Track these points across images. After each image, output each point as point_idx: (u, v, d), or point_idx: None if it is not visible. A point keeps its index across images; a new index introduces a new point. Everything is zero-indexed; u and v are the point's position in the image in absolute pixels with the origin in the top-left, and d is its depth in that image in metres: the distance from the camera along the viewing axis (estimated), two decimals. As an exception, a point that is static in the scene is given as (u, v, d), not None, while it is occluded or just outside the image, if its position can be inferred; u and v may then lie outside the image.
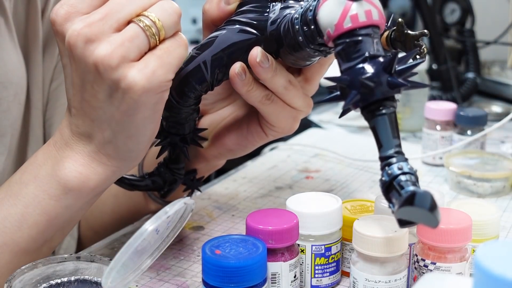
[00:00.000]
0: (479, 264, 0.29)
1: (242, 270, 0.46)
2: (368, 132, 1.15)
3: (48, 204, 0.52)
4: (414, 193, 0.42)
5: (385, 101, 0.45)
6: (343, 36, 0.46)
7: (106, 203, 0.77)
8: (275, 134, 0.62)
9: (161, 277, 0.58)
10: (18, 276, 0.47)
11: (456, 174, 0.76)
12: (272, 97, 0.58)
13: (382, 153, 0.45)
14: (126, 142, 0.51)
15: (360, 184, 0.81)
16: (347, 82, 0.45)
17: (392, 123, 0.45)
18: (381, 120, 0.45)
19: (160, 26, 0.49)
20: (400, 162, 0.44)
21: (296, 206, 0.54)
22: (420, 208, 0.41)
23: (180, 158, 0.64)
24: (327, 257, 0.54)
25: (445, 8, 1.32)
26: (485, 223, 0.55)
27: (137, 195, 0.71)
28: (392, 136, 0.45)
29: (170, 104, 0.57)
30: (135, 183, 0.65)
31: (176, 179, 0.65)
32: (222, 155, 0.65)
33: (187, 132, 0.60)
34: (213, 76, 0.56)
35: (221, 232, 0.67)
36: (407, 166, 0.44)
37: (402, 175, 0.43)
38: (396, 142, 0.45)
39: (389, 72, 0.44)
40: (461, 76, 1.26)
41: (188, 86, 0.56)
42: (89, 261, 0.50)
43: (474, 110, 0.87)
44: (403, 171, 0.44)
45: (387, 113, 0.45)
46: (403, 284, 0.50)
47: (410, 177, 0.43)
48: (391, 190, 0.44)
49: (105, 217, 0.77)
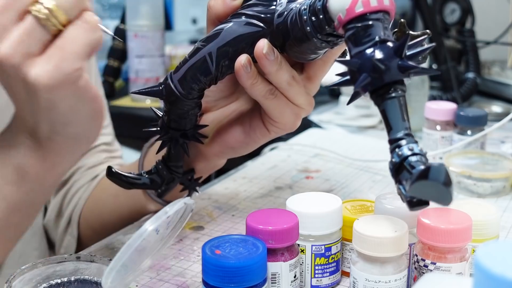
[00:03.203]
0: (479, 264, 0.29)
1: (242, 270, 0.46)
2: (368, 132, 1.16)
3: (6, 190, 0.51)
4: (429, 167, 0.41)
5: (395, 84, 0.45)
6: (354, 21, 0.46)
7: (106, 203, 0.77)
8: (278, 131, 0.62)
9: (161, 277, 0.58)
10: (18, 276, 0.47)
11: (456, 174, 0.76)
12: (275, 92, 0.58)
13: (391, 136, 0.45)
14: (65, 129, 0.50)
15: (360, 184, 0.81)
16: (357, 65, 0.45)
17: (402, 107, 0.45)
18: (391, 103, 0.45)
19: (57, 11, 0.45)
20: (410, 143, 0.44)
21: (296, 206, 0.54)
22: (435, 182, 0.41)
23: (179, 156, 0.64)
24: (327, 257, 0.54)
25: (445, 8, 1.32)
26: (485, 223, 0.55)
27: (137, 195, 0.71)
28: (401, 119, 0.45)
29: (173, 96, 0.57)
30: (133, 181, 0.64)
31: (174, 178, 0.65)
32: (223, 153, 0.65)
33: (188, 127, 0.60)
34: (218, 69, 0.56)
35: (221, 232, 0.67)
36: (417, 148, 0.44)
37: (412, 156, 0.43)
38: (405, 125, 0.45)
39: (400, 56, 0.44)
40: (461, 76, 1.26)
41: (193, 78, 0.56)
42: (89, 261, 0.50)
43: (474, 110, 0.87)
44: (413, 152, 0.43)
45: (397, 96, 0.45)
46: (403, 284, 0.50)
47: (421, 158, 0.43)
48: (401, 171, 0.44)
49: (105, 217, 0.77)
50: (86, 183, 0.79)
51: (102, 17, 1.87)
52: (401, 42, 0.44)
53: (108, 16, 1.88)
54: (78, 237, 0.79)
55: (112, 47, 1.48)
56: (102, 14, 1.88)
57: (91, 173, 0.80)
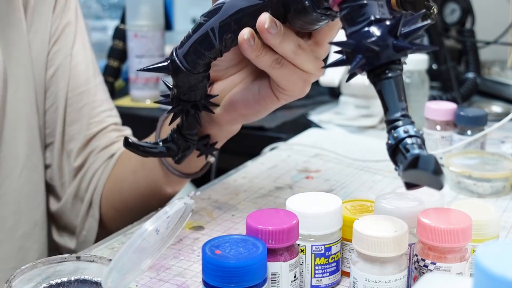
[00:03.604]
0: (479, 264, 0.29)
1: (242, 270, 0.46)
2: (368, 132, 1.16)
3: None
4: (418, 157, 0.42)
5: (391, 64, 0.45)
6: (348, 0, 0.46)
7: (125, 180, 0.78)
8: (287, 98, 0.62)
9: (161, 277, 0.58)
10: (18, 276, 0.47)
11: (456, 174, 0.76)
12: (282, 61, 0.57)
13: (388, 117, 0.45)
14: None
15: (360, 184, 0.81)
16: (352, 46, 0.45)
17: (398, 87, 0.45)
18: (387, 83, 0.45)
19: None
20: (406, 125, 0.44)
21: (296, 206, 0.54)
22: (424, 171, 0.41)
23: (193, 125, 0.65)
24: (327, 257, 0.54)
25: (445, 8, 1.32)
26: (485, 223, 0.55)
27: (155, 168, 0.73)
28: (398, 99, 0.45)
29: (179, 71, 0.58)
30: (149, 150, 0.66)
31: (190, 145, 0.66)
32: (235, 120, 0.66)
33: (199, 98, 0.61)
34: (221, 43, 0.56)
35: (221, 232, 0.67)
36: (413, 129, 0.44)
37: (408, 138, 0.43)
38: (402, 106, 0.45)
39: (395, 35, 0.44)
40: (461, 76, 1.26)
41: (197, 53, 0.57)
42: (89, 261, 0.50)
43: (474, 110, 0.87)
44: (409, 134, 0.43)
45: (393, 76, 0.45)
46: (403, 284, 0.50)
47: (416, 140, 0.43)
48: (397, 153, 0.44)
49: (125, 194, 0.79)
50: (103, 164, 0.81)
51: (102, 17, 1.87)
52: (396, 21, 0.44)
53: (108, 16, 1.88)
54: (100, 219, 0.81)
55: (112, 47, 1.48)
56: (102, 14, 1.88)
57: (105, 153, 0.81)
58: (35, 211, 0.77)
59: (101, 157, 0.81)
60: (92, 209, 0.80)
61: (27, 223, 0.76)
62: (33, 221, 0.77)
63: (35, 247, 0.78)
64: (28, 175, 0.76)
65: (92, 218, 0.80)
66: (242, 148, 1.10)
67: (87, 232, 0.81)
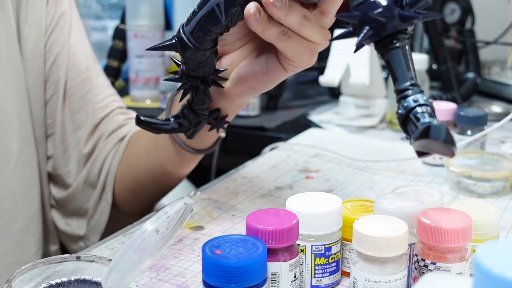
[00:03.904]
0: (479, 264, 0.29)
1: (242, 270, 0.46)
2: (368, 132, 1.16)
3: None
4: (429, 126, 0.42)
5: (398, 34, 0.45)
6: None
7: (138, 162, 0.80)
8: (294, 69, 0.62)
9: (161, 277, 0.58)
10: (18, 276, 0.47)
11: (456, 174, 0.76)
12: (288, 32, 0.58)
13: (397, 86, 0.45)
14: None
15: (360, 184, 0.81)
16: (358, 18, 0.45)
17: (406, 56, 0.45)
18: (395, 53, 0.45)
19: None
20: (415, 94, 0.44)
21: (296, 206, 0.54)
22: (435, 140, 0.41)
23: (203, 100, 0.65)
24: (327, 257, 0.54)
25: (445, 8, 1.32)
26: (485, 223, 0.55)
27: (167, 147, 0.74)
28: (406, 68, 0.45)
29: (187, 48, 0.58)
30: (161, 126, 0.67)
31: (201, 120, 0.67)
32: (244, 93, 0.66)
33: (207, 74, 0.62)
34: (227, 18, 0.56)
35: (221, 232, 0.67)
36: (422, 98, 0.44)
37: (418, 107, 0.43)
38: (410, 75, 0.45)
39: (400, 5, 0.44)
40: (461, 76, 1.26)
41: (204, 30, 0.57)
42: (89, 261, 0.50)
43: (474, 110, 0.87)
44: (418, 103, 0.43)
45: (401, 46, 0.45)
46: (403, 284, 0.50)
47: (426, 108, 0.43)
48: (408, 123, 0.44)
49: (139, 176, 0.80)
50: (113, 148, 0.82)
51: (102, 17, 1.87)
52: None
53: (108, 16, 1.88)
54: (114, 201, 0.82)
55: (112, 47, 1.48)
56: (102, 14, 1.88)
57: (115, 137, 0.82)
58: (30, 205, 0.77)
59: (110, 141, 0.82)
60: (105, 193, 0.81)
61: (23, 217, 0.77)
62: (29, 215, 0.77)
63: (32, 241, 0.78)
64: (22, 169, 0.76)
65: (105, 202, 0.81)
66: (242, 148, 1.10)
67: (99, 216, 0.82)
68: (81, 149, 0.81)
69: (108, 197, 0.81)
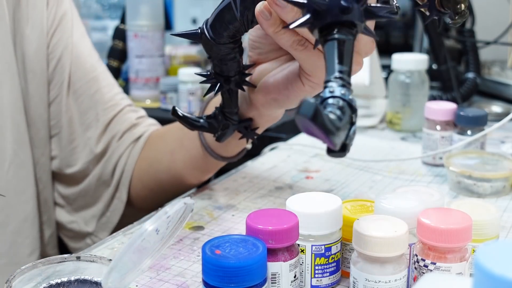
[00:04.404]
0: (479, 264, 0.29)
1: (242, 270, 0.46)
2: (368, 132, 1.16)
3: None
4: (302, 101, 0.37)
5: (340, 26, 0.43)
6: None
7: (161, 161, 0.80)
8: (312, 85, 0.59)
9: (161, 277, 0.58)
10: (18, 276, 0.47)
11: (456, 174, 0.76)
12: (305, 43, 0.55)
13: (325, 79, 0.42)
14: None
15: (360, 184, 0.81)
16: (303, 5, 0.44)
17: (342, 50, 0.42)
18: (330, 44, 0.43)
19: None
20: (335, 86, 0.41)
21: (296, 206, 0.54)
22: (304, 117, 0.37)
23: (231, 103, 0.66)
24: (327, 257, 0.54)
25: (445, 8, 1.31)
26: (485, 223, 0.55)
27: (193, 149, 0.75)
28: (338, 61, 0.42)
29: (207, 41, 0.59)
30: (192, 122, 0.68)
31: (229, 124, 0.68)
32: (269, 105, 0.65)
33: (232, 74, 0.62)
34: (242, 15, 0.56)
35: (221, 232, 0.67)
36: (340, 90, 0.40)
37: (330, 98, 0.40)
38: (340, 68, 0.42)
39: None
40: (461, 76, 1.26)
41: (220, 23, 0.57)
42: (89, 261, 0.50)
43: (474, 110, 0.87)
44: (333, 95, 0.40)
45: (338, 38, 0.43)
46: (403, 284, 0.50)
47: (338, 101, 0.40)
48: None
49: (160, 175, 0.80)
50: (128, 148, 0.82)
51: (102, 17, 1.87)
52: None
53: (108, 16, 1.88)
54: (130, 199, 0.82)
55: (112, 47, 1.48)
56: (102, 14, 1.88)
57: (129, 137, 0.83)
58: (24, 206, 0.77)
59: (124, 141, 0.82)
60: (119, 192, 0.82)
61: (17, 218, 0.76)
62: (23, 216, 0.77)
63: (26, 242, 0.78)
64: (16, 171, 0.76)
65: (118, 200, 0.82)
66: (242, 148, 1.10)
67: (111, 213, 0.82)
68: (92, 148, 0.81)
69: (122, 196, 0.82)
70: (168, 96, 1.32)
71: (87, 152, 0.82)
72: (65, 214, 0.84)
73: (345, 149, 0.40)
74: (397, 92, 1.05)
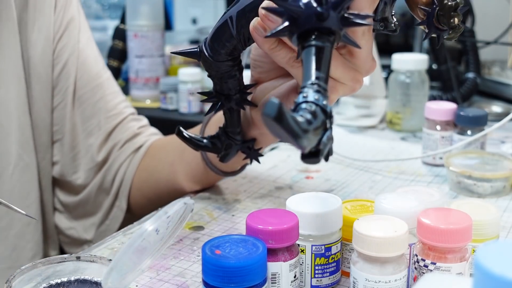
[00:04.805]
0: (479, 264, 0.29)
1: (242, 270, 0.46)
2: (368, 132, 1.16)
3: None
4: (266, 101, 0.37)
5: (318, 33, 0.43)
6: None
7: (161, 172, 0.80)
8: None
9: (161, 277, 0.58)
10: (18, 276, 0.47)
11: (456, 174, 0.76)
12: None
13: (301, 85, 0.42)
14: None
15: (360, 184, 0.81)
16: (279, 11, 0.44)
17: (319, 56, 0.42)
18: (307, 51, 0.43)
19: None
20: (309, 91, 0.40)
21: (296, 206, 0.54)
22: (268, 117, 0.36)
23: (234, 122, 0.66)
24: (327, 257, 0.54)
25: (445, 8, 1.31)
26: (485, 223, 0.55)
27: (194, 162, 0.74)
28: (315, 68, 0.42)
29: (205, 58, 0.59)
30: (196, 142, 0.68)
31: (232, 144, 0.68)
32: None
33: (233, 92, 0.62)
34: (239, 33, 0.56)
35: (221, 232, 0.67)
36: (313, 96, 0.40)
37: (304, 103, 0.39)
38: (317, 74, 0.41)
39: (319, 3, 0.43)
40: (461, 76, 1.26)
41: (217, 41, 0.58)
42: (89, 261, 0.50)
43: (474, 110, 0.87)
44: (306, 100, 0.40)
45: (316, 45, 0.43)
46: (403, 284, 0.50)
47: (310, 105, 0.39)
48: None
49: (159, 185, 0.80)
50: (128, 157, 0.82)
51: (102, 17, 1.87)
52: None
53: (108, 16, 1.88)
54: (130, 207, 0.82)
55: (112, 47, 1.48)
56: (102, 14, 1.88)
57: (130, 146, 0.82)
58: (28, 210, 0.77)
59: (125, 151, 0.82)
60: (119, 200, 0.82)
61: (20, 222, 0.76)
62: (26, 220, 0.77)
63: (29, 246, 0.78)
64: (20, 174, 0.76)
65: (118, 209, 0.82)
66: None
67: (110, 221, 0.82)
68: (94, 156, 0.81)
69: (122, 205, 0.81)
70: (168, 96, 1.32)
71: (88, 160, 0.81)
72: (64, 220, 0.84)
73: (318, 155, 0.39)
74: (397, 92, 1.05)
